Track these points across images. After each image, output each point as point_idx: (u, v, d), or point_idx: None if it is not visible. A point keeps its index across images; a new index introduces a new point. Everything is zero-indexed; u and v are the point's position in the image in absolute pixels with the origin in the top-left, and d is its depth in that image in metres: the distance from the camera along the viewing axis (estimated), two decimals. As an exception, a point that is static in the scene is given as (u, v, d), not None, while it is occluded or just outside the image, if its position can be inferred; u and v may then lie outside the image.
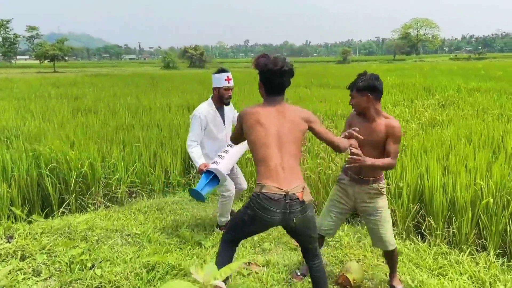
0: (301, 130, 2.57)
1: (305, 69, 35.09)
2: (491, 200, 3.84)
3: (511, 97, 10.84)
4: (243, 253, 3.83)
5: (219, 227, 4.36)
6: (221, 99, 4.06)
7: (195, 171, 5.87)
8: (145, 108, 9.76)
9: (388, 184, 4.49)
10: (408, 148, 5.21)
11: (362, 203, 3.08)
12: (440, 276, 3.40)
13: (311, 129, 2.64)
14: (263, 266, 3.56)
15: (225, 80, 4.00)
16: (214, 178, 3.80)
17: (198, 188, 3.65)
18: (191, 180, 5.88)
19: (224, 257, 2.67)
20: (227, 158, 3.84)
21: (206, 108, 4.04)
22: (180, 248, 3.87)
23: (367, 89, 2.88)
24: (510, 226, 3.74)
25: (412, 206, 4.24)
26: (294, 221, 2.46)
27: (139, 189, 5.46)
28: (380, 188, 3.04)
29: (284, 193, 2.41)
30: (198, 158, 3.89)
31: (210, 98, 4.14)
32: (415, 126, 6.92)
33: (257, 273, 3.39)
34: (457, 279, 3.30)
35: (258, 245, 4.03)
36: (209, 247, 3.90)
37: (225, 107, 4.16)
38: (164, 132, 6.92)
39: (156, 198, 5.39)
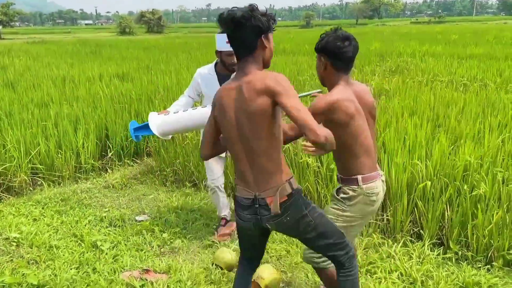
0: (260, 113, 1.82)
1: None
2: (429, 183, 3.40)
3: (463, 62, 10.56)
4: (146, 255, 3.26)
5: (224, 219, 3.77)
6: (224, 66, 3.35)
7: (111, 152, 5.18)
8: (73, 79, 8.81)
9: (319, 167, 3.99)
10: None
11: None
12: (368, 275, 2.96)
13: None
14: (162, 273, 3.00)
15: (227, 42, 3.25)
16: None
17: (133, 126, 3.39)
18: (107, 163, 5.19)
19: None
20: (177, 117, 3.23)
21: (205, 70, 3.48)
22: (72, 252, 3.25)
23: (323, 51, 2.22)
24: (447, 212, 3.32)
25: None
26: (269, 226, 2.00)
27: (45, 177, 4.74)
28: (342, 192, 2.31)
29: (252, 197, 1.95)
30: (171, 106, 3.53)
31: (215, 61, 3.47)
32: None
33: (152, 284, 2.83)
34: (385, 279, 2.87)
35: (168, 243, 3.47)
36: (106, 249, 3.30)
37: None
38: (82, 107, 6.12)
39: (64, 186, 4.70)
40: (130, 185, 4.78)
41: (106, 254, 3.22)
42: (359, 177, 2.21)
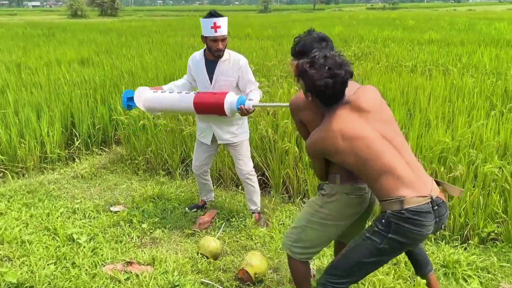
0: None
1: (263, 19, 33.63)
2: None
3: (423, 47, 10.86)
4: (126, 246, 3.15)
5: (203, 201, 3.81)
6: (210, 51, 3.17)
7: (78, 141, 4.95)
8: (28, 64, 8.30)
9: (299, 153, 3.98)
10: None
11: None
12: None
13: None
14: (147, 264, 2.90)
15: (211, 28, 3.04)
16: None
17: (128, 95, 3.36)
18: (74, 152, 4.96)
19: None
20: (163, 96, 3.26)
21: (196, 55, 3.36)
22: (47, 247, 3.08)
23: (301, 55, 2.11)
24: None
25: (324, 174, 3.79)
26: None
27: (7, 168, 4.46)
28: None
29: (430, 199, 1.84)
30: (168, 85, 3.49)
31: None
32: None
33: (137, 276, 2.74)
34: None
35: (148, 234, 3.36)
36: (84, 242, 3.15)
37: (222, 62, 3.20)
38: (44, 93, 5.78)
39: (30, 178, 4.45)
40: (100, 175, 4.59)
41: (84, 247, 3.07)
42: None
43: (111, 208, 3.79)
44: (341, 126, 1.86)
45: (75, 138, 5.00)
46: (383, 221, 1.83)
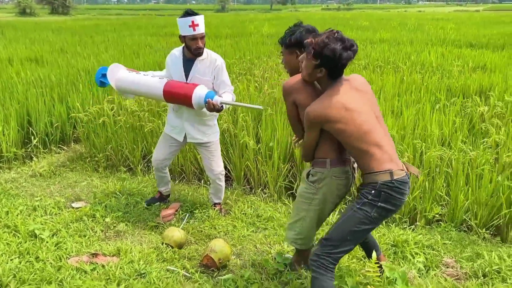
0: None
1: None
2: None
3: (375, 46, 11.33)
4: (90, 240, 3.18)
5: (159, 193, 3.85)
6: (189, 50, 3.19)
7: (36, 140, 4.86)
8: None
9: (258, 146, 4.14)
10: (278, 104, 4.88)
11: None
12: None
13: None
14: (112, 255, 2.96)
15: (189, 26, 3.06)
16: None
17: (102, 71, 3.40)
18: (32, 151, 4.87)
19: None
20: (136, 78, 3.30)
21: (176, 52, 3.37)
22: (8, 243, 3.06)
23: (297, 45, 2.33)
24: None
25: (283, 166, 3.97)
26: None
27: (-40, 168, 4.34)
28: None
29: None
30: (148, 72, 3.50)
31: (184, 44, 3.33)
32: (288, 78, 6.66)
33: (103, 266, 2.79)
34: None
35: (111, 227, 3.40)
36: (47, 237, 3.15)
37: (199, 61, 3.23)
38: (-4, 92, 5.62)
39: (-15, 177, 4.34)
40: (60, 173, 4.55)
41: (47, 242, 3.08)
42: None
43: (73, 205, 3.79)
44: (345, 98, 2.11)
45: (32, 137, 4.91)
46: (373, 191, 2.09)
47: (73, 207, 3.74)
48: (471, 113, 4.82)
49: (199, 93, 3.01)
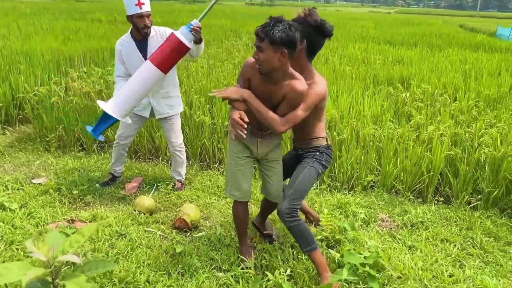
0: None
1: (109, 4, 32.05)
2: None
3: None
4: (61, 210, 3.32)
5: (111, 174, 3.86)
6: (138, 30, 3.25)
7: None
8: None
9: (214, 124, 4.46)
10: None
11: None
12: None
13: None
14: (89, 221, 3.15)
15: (136, 5, 3.13)
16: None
17: (90, 129, 3.21)
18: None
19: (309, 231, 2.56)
20: (126, 89, 3.03)
21: (123, 38, 3.40)
22: (-24, 216, 3.10)
23: (285, 44, 2.17)
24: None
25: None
26: None
27: None
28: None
29: None
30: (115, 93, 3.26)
31: (130, 28, 3.35)
32: (232, 66, 7.03)
33: (84, 230, 2.98)
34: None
35: (79, 199, 3.55)
36: (16, 208, 3.24)
37: (151, 38, 3.30)
38: None
39: None
40: (9, 153, 4.52)
41: (18, 213, 3.18)
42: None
43: (33, 181, 3.84)
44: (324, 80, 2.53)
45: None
46: (318, 153, 2.60)
47: (34, 183, 3.79)
48: (396, 98, 5.56)
49: (182, 33, 2.91)
